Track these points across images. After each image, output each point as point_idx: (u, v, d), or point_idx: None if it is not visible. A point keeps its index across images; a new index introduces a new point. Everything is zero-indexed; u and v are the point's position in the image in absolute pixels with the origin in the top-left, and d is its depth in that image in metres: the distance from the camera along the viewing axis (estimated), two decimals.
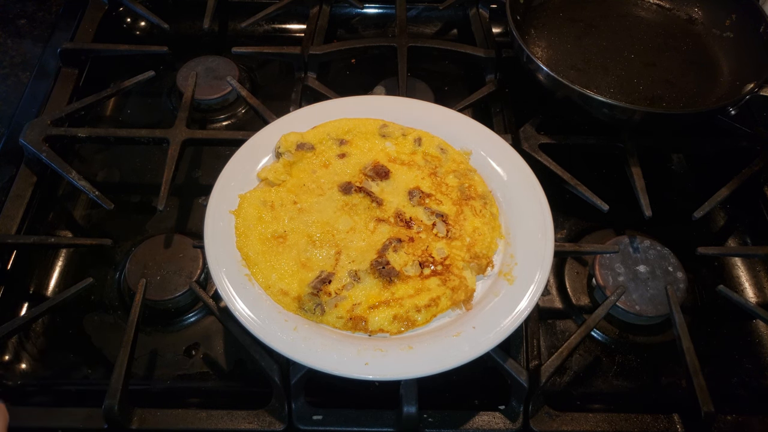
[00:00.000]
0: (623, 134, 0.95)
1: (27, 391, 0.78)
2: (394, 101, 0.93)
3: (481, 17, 1.17)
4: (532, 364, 0.76)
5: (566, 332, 0.84)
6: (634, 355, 0.82)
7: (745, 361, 0.83)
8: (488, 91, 1.02)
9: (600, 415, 0.73)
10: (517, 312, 0.71)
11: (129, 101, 1.09)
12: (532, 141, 0.94)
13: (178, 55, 1.10)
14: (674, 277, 0.83)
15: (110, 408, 0.69)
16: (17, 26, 1.17)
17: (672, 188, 1.01)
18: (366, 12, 1.23)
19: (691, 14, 1.09)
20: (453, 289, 0.73)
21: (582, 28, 1.07)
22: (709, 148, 0.99)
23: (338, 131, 0.86)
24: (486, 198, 0.81)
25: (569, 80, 0.88)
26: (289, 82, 1.05)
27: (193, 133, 0.94)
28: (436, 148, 0.86)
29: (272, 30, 1.22)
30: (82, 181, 0.88)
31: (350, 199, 0.80)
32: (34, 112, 1.00)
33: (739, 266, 0.92)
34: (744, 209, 0.97)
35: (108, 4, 1.17)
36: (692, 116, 0.93)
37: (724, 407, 0.73)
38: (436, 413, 0.73)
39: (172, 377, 0.78)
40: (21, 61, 1.12)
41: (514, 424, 0.72)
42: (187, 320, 0.83)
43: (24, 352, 0.80)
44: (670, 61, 1.02)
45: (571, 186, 0.89)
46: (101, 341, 0.81)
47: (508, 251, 0.78)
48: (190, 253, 0.84)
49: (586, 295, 0.87)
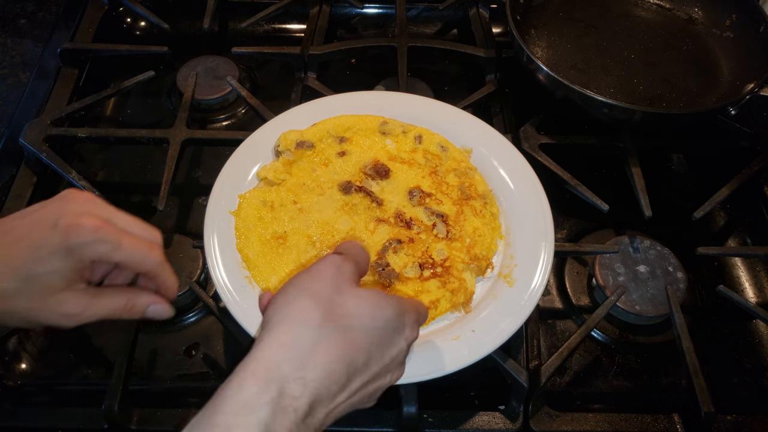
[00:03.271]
0: (623, 134, 0.95)
1: (27, 391, 0.78)
2: (394, 97, 0.92)
3: (481, 17, 1.17)
4: (532, 364, 0.76)
5: (566, 332, 0.84)
6: (634, 355, 0.82)
7: (745, 361, 0.83)
8: (488, 91, 1.02)
9: (600, 415, 0.73)
10: (516, 315, 0.71)
11: (129, 101, 1.09)
12: (532, 141, 0.94)
13: (178, 55, 1.10)
14: (674, 277, 0.83)
15: (110, 408, 0.69)
16: (17, 26, 1.17)
17: (672, 188, 1.01)
18: (366, 12, 1.23)
19: (691, 14, 1.09)
20: (452, 292, 0.73)
21: (582, 28, 1.07)
22: (709, 148, 0.99)
23: (338, 129, 0.85)
24: (486, 197, 0.81)
25: (569, 80, 0.88)
26: (289, 82, 1.05)
27: (193, 133, 0.94)
28: (437, 145, 0.86)
29: (272, 30, 1.22)
30: (82, 181, 0.88)
31: (350, 198, 0.80)
32: (34, 112, 1.00)
33: (739, 266, 0.92)
34: (744, 209, 0.97)
35: (108, 4, 1.17)
36: (692, 116, 0.93)
37: (724, 407, 0.73)
38: (436, 413, 0.73)
39: (172, 377, 0.78)
40: (21, 61, 1.11)
41: (514, 424, 0.72)
42: (187, 320, 0.83)
43: (24, 352, 0.80)
44: (670, 61, 1.02)
45: (571, 186, 0.89)
46: (101, 341, 0.81)
47: (508, 252, 0.78)
48: (190, 253, 0.84)
49: (586, 295, 0.87)
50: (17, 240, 0.52)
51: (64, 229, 0.51)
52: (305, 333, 0.48)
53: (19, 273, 0.52)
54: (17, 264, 0.52)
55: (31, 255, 0.51)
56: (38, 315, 0.54)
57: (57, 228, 0.52)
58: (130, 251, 0.54)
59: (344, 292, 0.51)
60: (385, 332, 0.52)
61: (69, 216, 0.52)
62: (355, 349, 0.49)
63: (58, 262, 0.52)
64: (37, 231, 0.52)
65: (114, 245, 0.53)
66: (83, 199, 0.55)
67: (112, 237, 0.53)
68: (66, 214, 0.52)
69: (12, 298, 0.52)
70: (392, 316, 0.52)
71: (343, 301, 0.51)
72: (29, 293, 0.52)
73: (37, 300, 0.53)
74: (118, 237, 0.54)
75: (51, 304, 0.53)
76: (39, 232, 0.52)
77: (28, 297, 0.53)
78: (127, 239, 0.54)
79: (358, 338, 0.50)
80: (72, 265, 0.53)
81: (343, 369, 0.49)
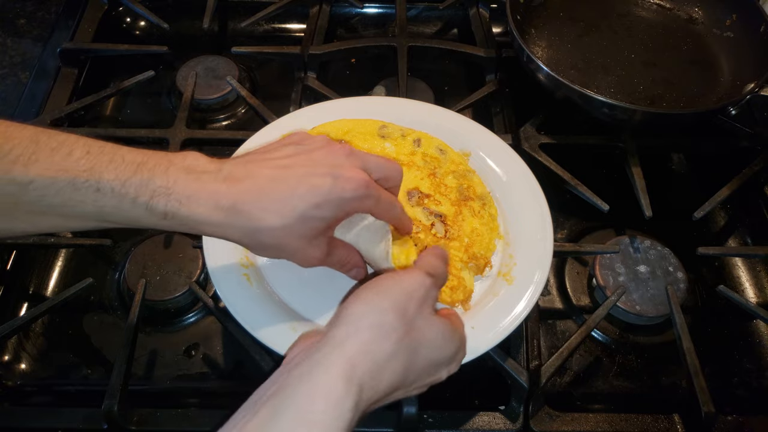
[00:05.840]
0: (623, 134, 0.95)
1: (27, 391, 0.78)
2: (393, 102, 0.93)
3: (481, 17, 1.17)
4: (532, 364, 0.76)
5: (566, 332, 0.84)
6: (635, 356, 0.82)
7: (746, 361, 0.83)
8: (488, 91, 1.02)
9: (600, 415, 0.73)
10: (516, 312, 0.71)
11: (129, 101, 1.09)
12: (532, 141, 0.94)
13: (178, 54, 1.10)
14: (675, 277, 0.83)
15: (110, 408, 0.69)
16: (17, 26, 1.17)
17: (672, 188, 1.01)
18: (366, 12, 1.23)
19: (691, 14, 1.09)
20: (452, 289, 0.73)
21: (582, 27, 1.07)
22: (709, 148, 0.99)
23: (337, 132, 0.86)
24: (485, 199, 0.81)
25: (569, 80, 0.88)
26: (289, 82, 1.05)
27: (193, 132, 0.94)
28: (435, 149, 0.86)
29: (272, 30, 1.22)
30: None
31: None
32: (34, 111, 1.00)
33: (740, 266, 0.92)
34: (744, 209, 0.97)
35: (108, 4, 1.17)
36: (692, 116, 0.93)
37: (725, 407, 0.73)
38: (436, 413, 0.73)
39: (172, 377, 0.78)
40: (20, 61, 1.11)
41: (514, 424, 0.72)
42: (186, 320, 0.83)
43: (24, 352, 0.80)
44: (671, 60, 1.02)
45: (571, 186, 0.89)
46: (101, 341, 0.81)
47: (507, 251, 0.78)
48: (189, 253, 0.84)
49: (586, 295, 0.87)
50: (299, 180, 0.55)
51: (342, 182, 0.54)
52: (386, 346, 0.50)
53: (296, 212, 0.54)
54: (298, 204, 0.54)
55: (311, 199, 0.54)
56: (295, 252, 0.58)
57: (337, 179, 0.54)
58: (384, 206, 0.59)
59: (425, 317, 0.54)
60: (440, 364, 0.55)
61: (345, 170, 0.55)
62: (414, 372, 0.52)
63: (331, 211, 0.55)
64: (317, 176, 0.55)
65: (376, 199, 0.57)
66: (346, 151, 0.58)
67: (375, 192, 0.57)
68: (341, 166, 0.55)
69: (285, 234, 0.55)
70: (452, 353, 0.55)
71: (421, 325, 0.53)
72: (299, 232, 0.56)
73: (302, 240, 0.56)
74: (379, 191, 0.58)
75: (311, 245, 0.58)
76: (319, 178, 0.54)
77: (297, 235, 0.56)
78: (384, 193, 0.58)
79: (421, 363, 0.52)
80: (338, 214, 0.56)
81: (397, 384, 0.51)
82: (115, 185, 0.52)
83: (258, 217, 0.54)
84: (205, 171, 0.54)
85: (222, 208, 0.53)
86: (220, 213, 0.53)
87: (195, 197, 0.53)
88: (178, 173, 0.53)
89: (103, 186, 0.51)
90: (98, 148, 0.53)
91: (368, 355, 0.48)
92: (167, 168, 0.53)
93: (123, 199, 0.52)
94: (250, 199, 0.54)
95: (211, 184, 0.54)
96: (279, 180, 0.55)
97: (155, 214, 0.53)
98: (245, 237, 0.56)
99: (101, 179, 0.51)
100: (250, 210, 0.54)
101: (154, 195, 0.52)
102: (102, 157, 0.53)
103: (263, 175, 0.55)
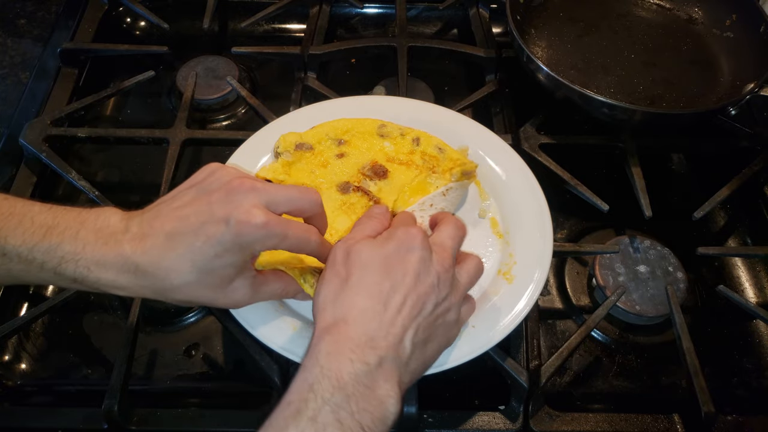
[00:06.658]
0: (623, 134, 0.95)
1: (27, 391, 0.78)
2: (392, 101, 0.93)
3: (481, 17, 1.17)
4: (532, 364, 0.76)
5: (566, 332, 0.84)
6: (634, 355, 0.82)
7: (745, 361, 0.83)
8: (488, 91, 1.02)
9: (600, 415, 0.73)
10: (516, 310, 0.71)
11: (129, 101, 1.09)
12: (532, 141, 0.94)
13: (178, 55, 1.10)
14: (674, 277, 0.83)
15: (110, 408, 0.69)
16: (17, 26, 1.17)
17: (672, 188, 1.01)
18: (366, 12, 1.23)
19: (691, 14, 1.09)
20: None
21: (582, 27, 1.07)
22: (709, 148, 0.99)
23: (337, 131, 0.86)
24: None
25: (569, 80, 0.88)
26: (289, 82, 1.05)
27: (193, 133, 0.94)
28: (434, 147, 0.86)
29: (272, 30, 1.22)
30: (81, 181, 0.88)
31: (348, 198, 0.80)
32: (34, 112, 1.00)
33: (740, 266, 0.92)
34: (744, 209, 0.97)
35: (108, 4, 1.17)
36: (692, 116, 0.93)
37: (725, 407, 0.73)
38: (436, 413, 0.73)
39: (172, 377, 0.78)
40: (21, 61, 1.11)
41: (514, 424, 0.72)
42: (187, 320, 0.83)
43: (24, 352, 0.80)
44: (670, 61, 1.02)
45: (571, 186, 0.89)
46: (101, 341, 0.81)
47: (506, 250, 0.78)
48: None
49: (586, 295, 0.87)
50: (196, 232, 0.55)
51: (236, 227, 0.54)
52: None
53: (197, 267, 0.55)
54: (197, 258, 0.54)
55: (209, 250, 0.54)
56: (215, 301, 0.59)
57: (230, 226, 0.54)
58: (294, 241, 0.58)
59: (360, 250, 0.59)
60: (390, 260, 0.58)
61: (239, 212, 0.54)
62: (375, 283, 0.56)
63: (234, 256, 0.55)
64: (212, 224, 0.54)
65: (281, 237, 0.56)
66: (246, 188, 0.56)
67: (279, 230, 0.56)
68: (236, 210, 0.54)
69: (193, 289, 0.56)
70: (392, 249, 0.59)
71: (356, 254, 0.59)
72: (208, 284, 0.56)
73: (215, 290, 0.57)
74: (284, 229, 0.57)
75: (227, 292, 0.58)
76: (214, 226, 0.54)
77: (206, 287, 0.57)
78: (291, 229, 0.57)
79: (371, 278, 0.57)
80: (244, 257, 0.57)
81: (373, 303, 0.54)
82: (22, 251, 0.52)
83: (162, 277, 0.55)
84: (114, 232, 0.55)
85: (129, 271, 0.54)
86: (127, 276, 0.54)
87: (102, 262, 0.54)
88: (87, 236, 0.54)
89: (9, 251, 0.52)
90: (8, 209, 0.54)
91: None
92: (77, 231, 0.54)
93: (30, 265, 0.53)
94: (153, 259, 0.54)
95: (118, 247, 0.54)
96: (177, 235, 0.55)
97: (64, 279, 0.54)
98: (157, 295, 0.57)
99: (6, 244, 0.52)
100: (154, 271, 0.54)
101: (62, 261, 0.53)
102: (10, 220, 0.53)
103: (164, 232, 0.55)
